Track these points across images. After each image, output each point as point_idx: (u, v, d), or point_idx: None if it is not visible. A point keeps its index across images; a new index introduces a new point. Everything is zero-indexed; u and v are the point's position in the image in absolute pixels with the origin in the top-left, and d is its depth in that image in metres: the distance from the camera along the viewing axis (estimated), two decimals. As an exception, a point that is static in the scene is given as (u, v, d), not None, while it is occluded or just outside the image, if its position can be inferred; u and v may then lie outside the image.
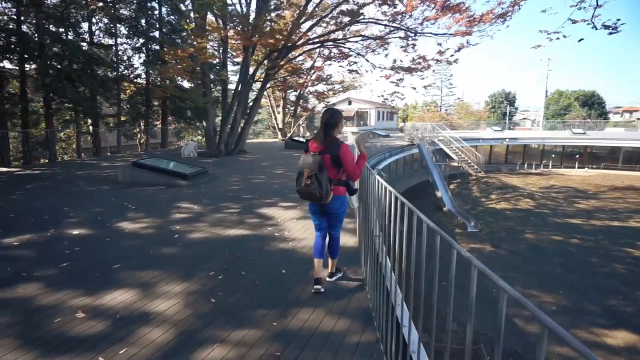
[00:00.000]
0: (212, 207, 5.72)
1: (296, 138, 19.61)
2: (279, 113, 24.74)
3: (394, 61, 17.14)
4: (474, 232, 12.49)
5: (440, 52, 14.86)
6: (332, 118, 2.87)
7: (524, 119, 58.20)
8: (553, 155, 28.06)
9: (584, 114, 40.57)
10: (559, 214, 14.57)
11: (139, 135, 19.07)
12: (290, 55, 14.99)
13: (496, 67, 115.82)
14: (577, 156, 27.45)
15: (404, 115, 54.94)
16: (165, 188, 7.30)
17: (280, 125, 24.22)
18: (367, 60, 16.98)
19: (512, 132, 33.25)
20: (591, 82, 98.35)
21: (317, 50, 17.01)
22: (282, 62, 14.65)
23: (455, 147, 23.33)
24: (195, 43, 10.56)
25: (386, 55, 17.76)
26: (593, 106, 45.46)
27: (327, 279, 3.08)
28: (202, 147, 15.19)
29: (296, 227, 4.63)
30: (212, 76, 17.35)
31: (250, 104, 14.98)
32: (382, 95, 18.54)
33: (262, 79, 15.22)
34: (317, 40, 14.11)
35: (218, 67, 15.73)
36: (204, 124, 13.27)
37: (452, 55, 12.72)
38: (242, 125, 15.03)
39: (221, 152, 13.47)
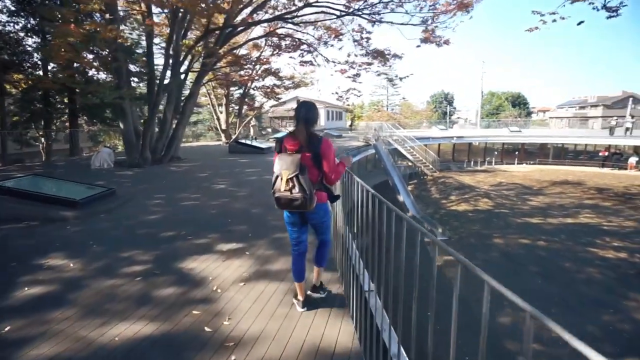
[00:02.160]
0: (101, 262, 3.49)
1: (243, 141, 17.26)
2: (221, 113, 21.99)
3: (348, 55, 15.80)
4: (443, 240, 11.52)
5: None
6: (311, 111, 2.41)
7: (458, 118, 62.09)
8: (496, 153, 29.37)
9: (515, 114, 43.93)
10: (517, 214, 14.44)
11: (42, 141, 15.04)
12: (232, 42, 12.72)
13: (436, 68, 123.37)
14: (516, 153, 29.07)
15: (352, 115, 54.91)
16: (38, 224, 4.78)
17: (224, 127, 21.52)
18: (320, 54, 15.37)
19: (458, 131, 34.45)
20: (517, 83, 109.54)
21: (265, 40, 14.92)
22: (222, 51, 12.31)
23: (410, 147, 22.93)
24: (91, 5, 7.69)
25: (340, 49, 16.18)
26: (519, 106, 49.82)
27: (309, 292, 2.71)
28: (123, 155, 12.17)
29: (245, 304, 2.69)
30: (135, 68, 14.28)
31: (184, 100, 12.39)
32: (337, 93, 17.10)
33: (199, 71, 12.71)
34: (262, 20, 11.99)
35: (136, 53, 12.78)
36: (121, 125, 10.40)
37: (418, 46, 11.58)
38: (174, 126, 12.37)
39: (146, 160, 10.75)
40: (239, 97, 22.66)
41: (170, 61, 10.49)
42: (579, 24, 6.01)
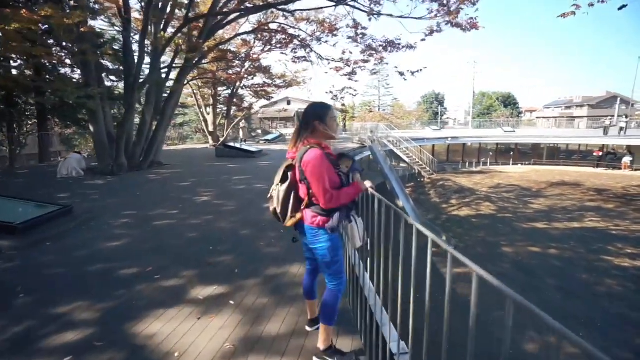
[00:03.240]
0: (19, 327, 2.45)
1: (231, 144, 16.17)
2: (208, 114, 20.81)
3: (343, 52, 14.91)
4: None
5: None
6: (312, 108, 1.96)
7: (448, 118, 61.97)
8: (491, 153, 28.93)
9: (507, 114, 43.84)
10: (522, 218, 13.77)
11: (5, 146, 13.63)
12: (219, 37, 11.65)
13: (427, 68, 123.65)
14: (511, 153, 28.67)
15: (343, 116, 54.12)
16: (-39, 258, 3.68)
17: (211, 128, 20.34)
18: (314, 51, 14.45)
19: (452, 131, 33.97)
20: (505, 84, 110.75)
21: (254, 36, 13.88)
22: (206, 46, 11.23)
23: (405, 148, 22.18)
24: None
25: (334, 45, 15.37)
26: (509, 106, 49.91)
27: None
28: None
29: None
30: (114, 65, 13.05)
31: (165, 99, 11.27)
32: (332, 92, 16.19)
33: (181, 68, 11.60)
34: (251, 8, 10.92)
35: (112, 47, 11.57)
36: (91, 128, 9.23)
37: (423, 40, 10.72)
38: (154, 128, 11.23)
39: (122, 167, 9.59)
40: (227, 97, 21.52)
41: (147, 56, 9.37)
42: (620, 8, 5.26)
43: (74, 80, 8.83)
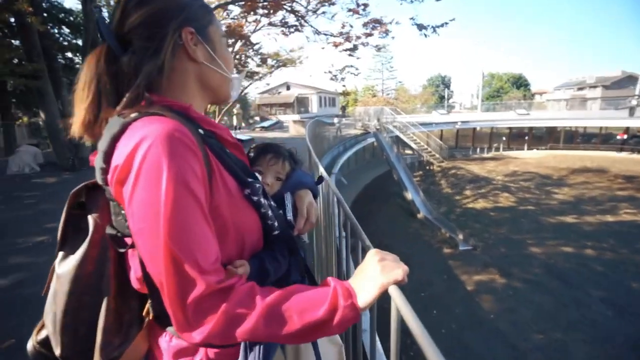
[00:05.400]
0: None
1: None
2: (198, 99, 19.16)
3: (343, 26, 13.15)
4: (467, 251, 9.30)
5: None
6: None
7: (454, 102, 59.55)
8: (503, 138, 27.14)
9: (519, 95, 41.62)
10: (547, 211, 12.26)
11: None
12: None
13: (431, 50, 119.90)
14: (526, 138, 26.86)
15: (345, 100, 52.08)
16: None
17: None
18: (307, 22, 12.69)
19: (461, 115, 32.11)
20: (515, 65, 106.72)
21: (239, 5, 12.12)
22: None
23: (412, 134, 20.52)
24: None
25: (332, 17, 13.61)
26: (521, 87, 47.50)
27: None
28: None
29: None
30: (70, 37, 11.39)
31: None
32: (330, 72, 14.49)
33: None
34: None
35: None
36: (42, 114, 7.78)
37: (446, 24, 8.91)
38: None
39: (84, 161, 8.16)
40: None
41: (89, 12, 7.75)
42: None
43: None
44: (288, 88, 36.23)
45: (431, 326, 6.48)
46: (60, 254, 0.54)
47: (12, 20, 7.23)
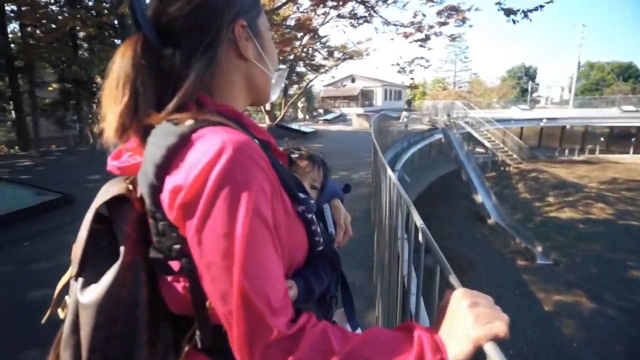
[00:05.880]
0: None
1: (285, 124, 15.19)
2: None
3: (414, 15, 12.42)
4: (546, 266, 8.21)
5: None
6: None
7: (539, 96, 52.51)
8: (602, 139, 23.27)
9: (626, 89, 35.19)
10: (657, 229, 10.18)
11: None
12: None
13: (514, 36, 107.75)
14: (633, 139, 22.64)
15: (412, 94, 49.69)
16: None
17: (268, 107, 19.64)
18: (377, 13, 12.28)
19: (547, 111, 28.33)
20: (623, 52, 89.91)
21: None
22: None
23: (486, 131, 18.73)
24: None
25: (404, 6, 12.88)
26: (629, 79, 40.04)
27: None
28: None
29: None
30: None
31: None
32: (398, 64, 13.91)
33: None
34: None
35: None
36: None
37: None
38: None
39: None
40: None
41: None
42: None
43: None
44: (353, 81, 35.87)
45: (497, 344, 5.87)
46: (80, 280, 0.45)
47: (116, 22, 8.28)
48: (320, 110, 34.25)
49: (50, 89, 11.82)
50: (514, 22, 7.72)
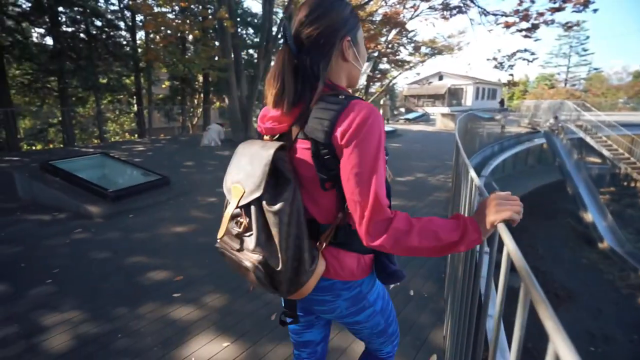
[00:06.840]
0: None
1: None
2: (347, 89, 20.07)
3: (520, 2, 10.86)
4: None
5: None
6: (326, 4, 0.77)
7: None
8: None
9: None
10: None
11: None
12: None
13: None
14: None
15: (511, 92, 43.99)
16: (64, 219, 3.83)
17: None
18: (473, 2, 11.18)
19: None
20: None
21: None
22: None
23: (605, 137, 15.51)
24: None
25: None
26: None
27: None
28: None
29: None
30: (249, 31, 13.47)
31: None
32: (495, 59, 12.45)
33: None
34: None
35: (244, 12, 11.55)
36: (226, 100, 9.70)
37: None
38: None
39: (251, 139, 9.86)
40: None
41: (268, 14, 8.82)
42: None
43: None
44: (440, 78, 33.61)
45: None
46: (266, 196, 0.71)
47: (216, 25, 9.21)
48: (402, 109, 32.97)
49: (163, 86, 13.99)
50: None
